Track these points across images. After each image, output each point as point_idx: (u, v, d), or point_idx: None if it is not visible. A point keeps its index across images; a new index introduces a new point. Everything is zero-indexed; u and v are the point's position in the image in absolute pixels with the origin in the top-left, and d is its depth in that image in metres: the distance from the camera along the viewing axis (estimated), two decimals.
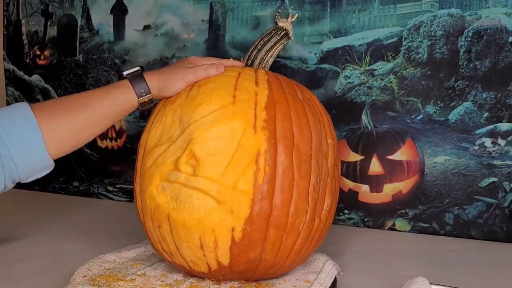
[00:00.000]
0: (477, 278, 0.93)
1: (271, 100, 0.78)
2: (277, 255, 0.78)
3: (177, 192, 0.75)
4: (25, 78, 1.61)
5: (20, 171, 0.76)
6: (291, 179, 0.75)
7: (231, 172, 0.73)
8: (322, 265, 0.90)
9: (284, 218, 0.75)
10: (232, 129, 0.75)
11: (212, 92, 0.79)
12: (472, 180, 1.15)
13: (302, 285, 0.82)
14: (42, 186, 1.60)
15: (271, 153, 0.74)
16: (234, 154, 0.74)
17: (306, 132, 0.79)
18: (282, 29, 0.89)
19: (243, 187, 0.73)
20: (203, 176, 0.74)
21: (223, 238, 0.74)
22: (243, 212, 0.73)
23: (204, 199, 0.74)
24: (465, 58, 1.13)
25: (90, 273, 0.83)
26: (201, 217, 0.74)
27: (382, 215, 1.23)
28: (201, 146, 0.75)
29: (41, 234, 1.16)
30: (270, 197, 0.74)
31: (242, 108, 0.76)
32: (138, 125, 1.46)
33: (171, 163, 0.77)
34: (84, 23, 1.51)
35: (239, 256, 0.76)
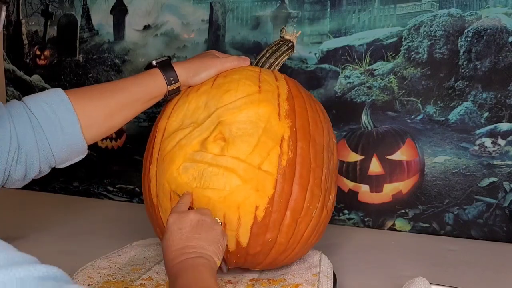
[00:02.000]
0: (477, 278, 0.93)
1: (290, 94, 0.85)
2: (290, 239, 0.81)
3: (202, 172, 0.78)
4: (25, 78, 1.61)
5: (56, 155, 0.77)
6: (309, 166, 0.81)
7: (257, 153, 0.78)
8: (319, 259, 0.92)
9: (301, 202, 0.80)
10: (259, 114, 0.81)
11: (238, 81, 0.85)
12: (472, 180, 1.15)
13: (311, 278, 0.84)
14: (42, 186, 1.60)
15: (292, 139, 0.80)
16: (260, 137, 0.79)
17: (319, 126, 0.86)
18: (289, 41, 0.96)
19: (268, 168, 0.78)
20: (231, 155, 0.78)
21: (246, 215, 0.77)
22: (268, 192, 0.77)
23: (230, 178, 0.77)
24: (465, 58, 1.13)
25: (94, 281, 0.83)
26: (227, 194, 0.77)
27: (382, 215, 1.22)
28: (230, 127, 0.79)
29: (41, 234, 1.16)
30: (291, 180, 0.79)
31: (267, 97, 0.83)
32: (138, 125, 1.46)
33: (197, 144, 0.80)
34: (84, 23, 1.51)
35: (258, 237, 0.79)
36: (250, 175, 0.77)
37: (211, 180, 0.77)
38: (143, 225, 1.19)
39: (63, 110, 0.77)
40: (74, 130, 0.77)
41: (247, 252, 0.80)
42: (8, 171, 0.74)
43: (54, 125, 0.76)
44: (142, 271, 0.88)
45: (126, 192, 1.50)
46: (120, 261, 0.93)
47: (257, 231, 0.78)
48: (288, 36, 0.96)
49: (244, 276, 0.86)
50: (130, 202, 1.49)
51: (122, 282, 0.83)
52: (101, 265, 0.90)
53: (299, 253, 0.87)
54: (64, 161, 0.80)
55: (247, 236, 0.78)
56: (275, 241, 0.80)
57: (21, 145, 0.74)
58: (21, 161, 0.74)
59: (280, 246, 0.81)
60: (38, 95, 0.78)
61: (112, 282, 0.83)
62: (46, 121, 0.75)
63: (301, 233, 0.82)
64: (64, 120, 0.76)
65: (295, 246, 0.83)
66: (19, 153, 0.74)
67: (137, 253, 0.97)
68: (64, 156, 0.78)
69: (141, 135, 1.45)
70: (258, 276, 0.86)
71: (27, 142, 0.74)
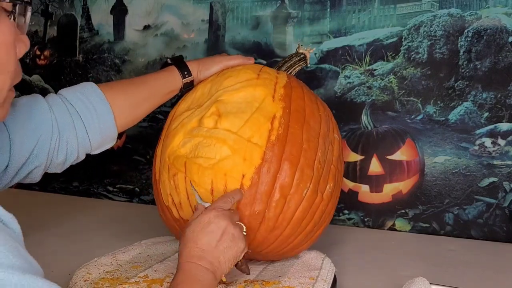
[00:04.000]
0: (477, 278, 0.93)
1: (289, 84, 0.90)
2: (279, 216, 0.82)
3: (197, 144, 0.83)
4: (25, 78, 1.60)
5: (93, 142, 0.85)
6: (300, 146, 0.83)
7: (248, 127, 0.82)
8: (321, 263, 0.91)
9: (290, 178, 0.82)
10: (254, 95, 0.86)
11: (240, 70, 0.92)
12: (472, 180, 1.15)
13: (307, 281, 0.83)
14: (42, 186, 1.60)
15: (285, 119, 0.84)
16: (253, 114, 0.83)
17: (316, 115, 0.89)
18: (301, 54, 1.02)
19: (257, 141, 0.82)
20: (223, 128, 0.83)
21: (233, 183, 0.80)
22: (255, 161, 0.81)
23: (221, 148, 0.81)
24: (465, 58, 1.13)
25: (91, 277, 0.83)
26: (215, 162, 0.81)
27: (382, 215, 1.22)
28: (226, 105, 0.85)
29: (41, 234, 1.16)
30: (280, 155, 0.82)
31: (264, 82, 0.88)
32: (138, 125, 1.45)
33: (196, 121, 0.86)
34: (84, 23, 1.51)
35: (245, 207, 0.81)
36: (239, 146, 0.81)
37: (203, 150, 0.82)
38: (143, 225, 1.19)
39: (98, 100, 0.85)
40: (109, 118, 0.86)
41: None
42: (51, 157, 0.81)
43: (91, 114, 0.84)
44: (142, 268, 0.88)
45: (126, 192, 1.50)
46: (123, 258, 0.93)
47: (244, 201, 0.80)
48: (301, 50, 1.02)
49: (240, 277, 0.85)
50: (130, 202, 1.49)
51: (118, 279, 0.83)
52: (103, 262, 0.90)
53: (292, 238, 0.86)
54: (98, 147, 0.88)
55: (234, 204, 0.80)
56: (263, 214, 0.81)
57: (62, 133, 0.81)
58: (62, 148, 0.82)
59: (269, 221, 0.82)
60: (74, 88, 0.86)
61: (108, 279, 0.83)
62: (84, 110, 0.83)
63: (292, 212, 0.82)
64: (100, 110, 0.85)
65: (286, 225, 0.83)
66: (60, 140, 0.81)
67: (142, 251, 0.97)
68: (99, 142, 0.87)
69: (141, 135, 1.45)
70: (254, 277, 0.86)
71: (67, 131, 0.82)
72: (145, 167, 1.46)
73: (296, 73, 1.00)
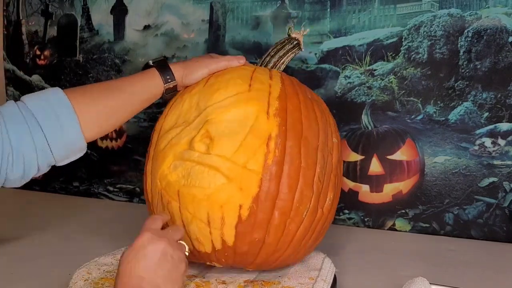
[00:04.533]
0: (477, 278, 0.93)
1: (283, 93, 0.83)
2: (280, 240, 0.80)
3: (189, 170, 0.78)
4: (25, 78, 1.60)
5: (56, 154, 0.77)
6: (298, 166, 0.79)
7: (242, 152, 0.77)
8: (321, 262, 0.91)
9: (289, 202, 0.78)
10: (247, 113, 0.80)
11: (229, 80, 0.84)
12: (472, 180, 1.15)
13: (307, 281, 0.83)
14: (42, 186, 1.60)
15: (281, 138, 0.78)
16: (247, 135, 0.78)
17: (314, 125, 0.83)
18: (295, 39, 0.95)
19: (253, 167, 0.77)
20: (216, 154, 0.77)
21: (230, 214, 0.77)
22: (252, 190, 0.76)
23: (215, 176, 0.77)
24: (465, 58, 1.13)
25: (91, 277, 0.83)
26: (211, 193, 0.76)
27: (382, 215, 1.23)
28: (216, 126, 0.79)
29: (41, 234, 1.16)
30: (278, 179, 0.77)
31: (256, 96, 0.81)
32: (138, 125, 1.46)
33: (186, 143, 0.80)
34: (84, 23, 1.51)
35: (244, 236, 0.78)
36: (234, 174, 0.76)
37: (197, 178, 0.77)
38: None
39: (63, 109, 0.77)
40: (74, 129, 0.77)
41: (235, 251, 0.79)
42: (4, 174, 0.73)
43: (54, 125, 0.76)
44: None
45: (126, 192, 1.50)
46: None
47: (243, 230, 0.77)
48: (294, 34, 0.95)
49: (240, 277, 0.85)
50: (130, 202, 1.49)
51: None
52: (104, 262, 0.90)
53: (294, 255, 0.85)
54: (63, 158, 0.79)
55: (232, 235, 0.78)
56: (263, 241, 0.79)
57: (17, 147, 0.73)
58: (18, 163, 0.74)
59: (269, 246, 0.79)
60: (37, 95, 0.78)
61: (108, 279, 0.83)
62: (45, 120, 0.75)
63: (292, 234, 0.80)
64: (64, 120, 0.76)
65: (286, 247, 0.81)
66: (14, 155, 0.73)
67: None
68: (64, 154, 0.78)
69: (141, 135, 1.45)
70: (255, 277, 0.86)
71: (24, 144, 0.74)
72: None
73: (289, 65, 0.95)
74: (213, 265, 0.84)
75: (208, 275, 0.86)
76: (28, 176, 0.77)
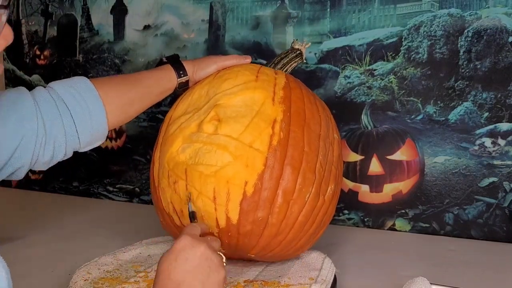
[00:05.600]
0: (477, 278, 0.93)
1: (288, 85, 0.88)
2: (283, 221, 0.81)
3: (197, 150, 0.81)
4: (25, 78, 1.61)
5: (82, 140, 0.81)
6: (302, 149, 0.82)
7: (249, 133, 0.81)
8: (321, 263, 0.91)
9: (292, 183, 0.81)
10: (253, 99, 0.84)
11: (238, 72, 0.90)
12: (472, 180, 1.15)
13: (307, 281, 0.83)
14: (42, 186, 1.60)
15: (285, 122, 0.82)
16: (254, 118, 0.82)
17: (316, 116, 0.87)
18: (297, 50, 1.00)
19: (258, 146, 0.80)
20: (224, 134, 0.81)
21: (235, 190, 0.79)
22: (257, 168, 0.79)
23: (222, 155, 0.80)
24: (465, 58, 1.13)
25: (91, 276, 0.83)
26: (217, 169, 0.79)
27: (382, 215, 1.23)
28: (225, 110, 0.83)
29: (41, 234, 1.16)
30: (282, 160, 0.80)
31: (263, 85, 0.87)
32: (138, 125, 1.46)
33: (195, 126, 0.84)
34: (84, 23, 1.51)
35: (248, 214, 0.79)
36: (241, 152, 0.79)
37: (204, 157, 0.80)
38: (143, 225, 1.19)
39: (91, 97, 0.81)
40: (101, 116, 0.82)
41: (238, 230, 0.80)
42: (36, 156, 0.76)
43: (83, 111, 0.79)
44: (142, 268, 0.88)
45: (126, 192, 1.50)
46: (124, 258, 0.93)
47: (247, 208, 0.79)
48: (297, 45, 1.00)
49: (240, 277, 0.85)
50: (130, 202, 1.49)
51: (118, 278, 0.83)
52: (104, 262, 0.90)
53: (295, 241, 0.85)
54: (87, 145, 0.83)
55: (236, 211, 0.79)
56: (266, 220, 0.80)
57: (49, 131, 0.76)
58: (49, 146, 0.77)
59: (272, 227, 0.81)
60: (65, 82, 0.82)
61: (108, 279, 0.83)
62: (75, 106, 0.79)
63: (294, 217, 0.82)
64: (93, 106, 0.81)
65: (289, 230, 0.82)
66: (47, 138, 0.76)
67: (142, 250, 0.97)
68: (89, 140, 0.82)
69: (141, 135, 1.45)
70: (254, 277, 0.86)
71: (55, 128, 0.77)
72: (145, 167, 1.46)
73: (292, 70, 0.99)
74: None
75: None
76: (55, 160, 0.80)
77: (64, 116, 0.78)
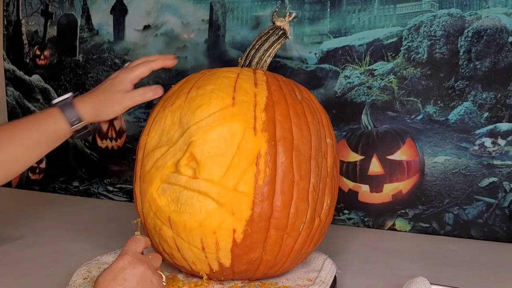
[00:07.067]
0: (477, 278, 0.92)
1: (270, 101, 0.78)
2: (278, 255, 0.78)
3: (178, 195, 0.76)
4: (25, 78, 1.61)
5: None
6: (291, 180, 0.76)
7: (231, 174, 0.74)
8: (321, 264, 0.90)
9: (284, 219, 0.76)
10: (232, 131, 0.75)
11: (211, 94, 0.78)
12: (472, 180, 1.15)
13: (305, 283, 0.82)
14: (42, 186, 1.60)
15: (271, 154, 0.75)
16: (234, 156, 0.74)
17: (305, 132, 0.79)
18: (280, 29, 0.88)
19: (243, 189, 0.74)
20: (204, 178, 0.74)
21: (224, 239, 0.75)
22: (244, 214, 0.74)
23: (205, 201, 0.74)
24: (465, 58, 1.13)
25: (90, 275, 0.83)
26: (202, 219, 0.74)
27: (382, 215, 1.23)
28: (201, 148, 0.75)
29: (41, 234, 1.16)
30: (271, 199, 0.75)
31: (241, 110, 0.76)
32: (138, 125, 1.46)
33: (171, 165, 0.77)
34: (84, 23, 1.51)
35: (241, 257, 0.76)
36: (225, 198, 0.73)
37: (186, 203, 0.75)
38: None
39: None
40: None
41: (233, 271, 0.78)
42: None
43: None
44: None
45: (126, 192, 1.50)
46: None
47: (239, 252, 0.76)
48: (279, 22, 0.88)
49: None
50: (130, 202, 1.49)
51: None
52: (105, 261, 0.90)
53: (293, 264, 0.84)
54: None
55: (228, 257, 0.76)
56: (260, 259, 0.77)
57: None
58: None
59: (267, 263, 0.78)
60: None
61: None
62: None
63: (290, 248, 0.79)
64: None
65: (285, 260, 0.80)
66: None
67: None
68: None
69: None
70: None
71: None
72: None
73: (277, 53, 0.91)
74: None
75: None
76: None
77: None
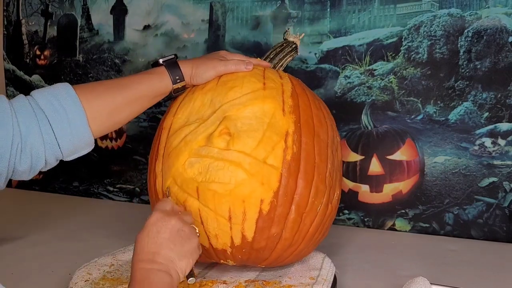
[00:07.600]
0: (477, 278, 0.93)
1: (294, 91, 0.86)
2: (295, 234, 0.81)
3: (207, 166, 0.78)
4: (25, 78, 1.61)
5: (63, 148, 0.77)
6: (313, 161, 0.81)
7: (262, 147, 0.79)
8: (321, 262, 0.91)
9: (305, 197, 0.80)
10: (264, 110, 0.82)
11: (243, 79, 0.86)
12: (472, 180, 1.15)
13: (308, 281, 0.83)
14: (42, 186, 1.60)
15: (297, 134, 0.81)
16: (265, 131, 0.80)
17: (323, 123, 0.86)
18: (293, 43, 0.98)
19: (273, 162, 0.78)
20: (237, 149, 0.78)
21: (252, 209, 0.78)
22: (273, 185, 0.78)
23: (236, 172, 0.77)
24: (465, 58, 1.13)
25: (91, 277, 0.83)
26: (232, 188, 0.77)
27: (382, 215, 1.23)
28: (235, 123, 0.80)
29: (41, 234, 1.16)
30: (296, 174, 0.79)
31: (271, 94, 0.84)
32: (138, 125, 1.46)
33: (203, 139, 0.81)
34: (84, 23, 1.51)
35: (263, 231, 0.79)
36: (256, 169, 0.77)
37: (216, 174, 0.78)
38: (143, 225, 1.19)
39: (71, 104, 0.77)
40: (81, 123, 0.78)
41: (252, 246, 0.80)
42: (13, 164, 0.74)
43: (61, 118, 0.76)
44: None
45: (126, 192, 1.50)
46: (123, 258, 0.93)
47: (263, 225, 0.78)
48: (291, 38, 0.98)
49: (240, 277, 0.86)
50: (130, 202, 1.49)
51: (118, 279, 0.83)
52: (104, 262, 0.90)
53: (304, 250, 0.86)
54: (71, 153, 0.80)
55: (252, 230, 0.78)
56: (280, 235, 0.80)
57: (25, 139, 0.74)
58: (25, 154, 0.74)
59: (285, 241, 0.81)
60: (46, 89, 0.79)
61: (108, 279, 0.83)
62: (53, 114, 0.76)
63: (306, 229, 0.82)
64: (72, 115, 0.77)
65: (300, 242, 0.83)
66: (23, 146, 0.74)
67: None
68: (72, 148, 0.79)
69: (141, 135, 1.45)
70: (255, 277, 0.86)
71: (32, 135, 0.74)
72: (145, 167, 1.45)
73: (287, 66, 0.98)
74: (223, 263, 0.84)
75: (208, 275, 0.87)
76: (36, 169, 0.78)
77: (41, 124, 0.75)
